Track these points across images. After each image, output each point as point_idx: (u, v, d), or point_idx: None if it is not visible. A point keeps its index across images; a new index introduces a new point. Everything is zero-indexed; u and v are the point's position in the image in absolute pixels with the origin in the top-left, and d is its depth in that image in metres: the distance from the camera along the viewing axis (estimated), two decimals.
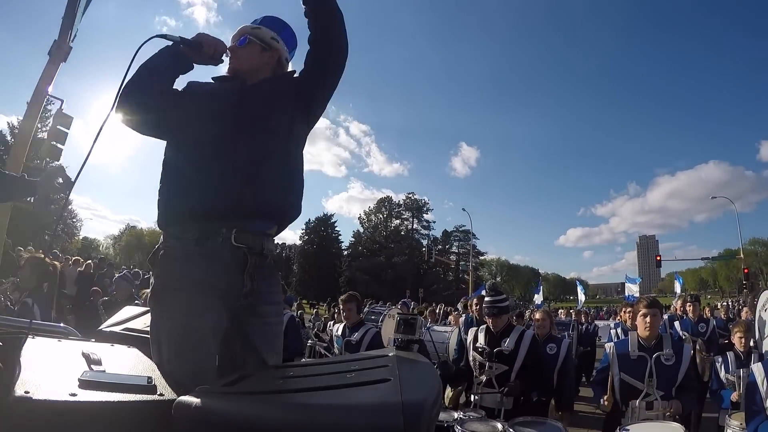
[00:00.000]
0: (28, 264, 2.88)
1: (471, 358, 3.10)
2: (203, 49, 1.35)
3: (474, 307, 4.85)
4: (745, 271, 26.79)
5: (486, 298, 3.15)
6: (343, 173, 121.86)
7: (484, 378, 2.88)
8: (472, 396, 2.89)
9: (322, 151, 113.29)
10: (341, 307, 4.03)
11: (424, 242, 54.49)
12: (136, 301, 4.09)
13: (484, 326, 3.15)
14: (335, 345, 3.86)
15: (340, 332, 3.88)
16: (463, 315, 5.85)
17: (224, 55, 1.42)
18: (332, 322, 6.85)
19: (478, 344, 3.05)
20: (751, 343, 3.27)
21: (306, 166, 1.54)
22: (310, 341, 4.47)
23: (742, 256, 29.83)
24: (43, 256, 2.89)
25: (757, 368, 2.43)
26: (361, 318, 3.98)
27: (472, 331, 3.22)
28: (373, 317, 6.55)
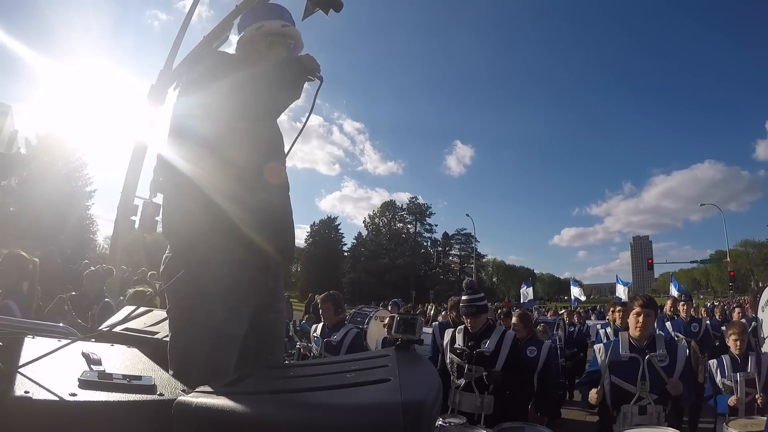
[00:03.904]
0: (6, 261, 2.63)
1: (448, 361, 2.90)
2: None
3: (450, 312, 4.52)
4: (731, 273, 27.63)
5: (463, 297, 2.96)
6: (336, 171, 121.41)
7: (462, 382, 2.72)
8: (449, 401, 2.73)
9: (315, 149, 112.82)
10: (319, 306, 3.96)
11: (426, 244, 55.37)
12: (106, 299, 3.94)
13: (462, 327, 2.97)
14: (314, 345, 3.76)
15: (318, 332, 3.76)
16: (438, 319, 5.71)
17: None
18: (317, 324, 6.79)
19: (456, 346, 2.87)
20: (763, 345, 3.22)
21: (299, 165, 1.63)
22: (298, 343, 4.39)
23: (728, 259, 30.83)
24: (23, 253, 2.69)
25: None
26: (341, 318, 3.85)
27: (448, 332, 3.03)
28: (359, 319, 6.51)
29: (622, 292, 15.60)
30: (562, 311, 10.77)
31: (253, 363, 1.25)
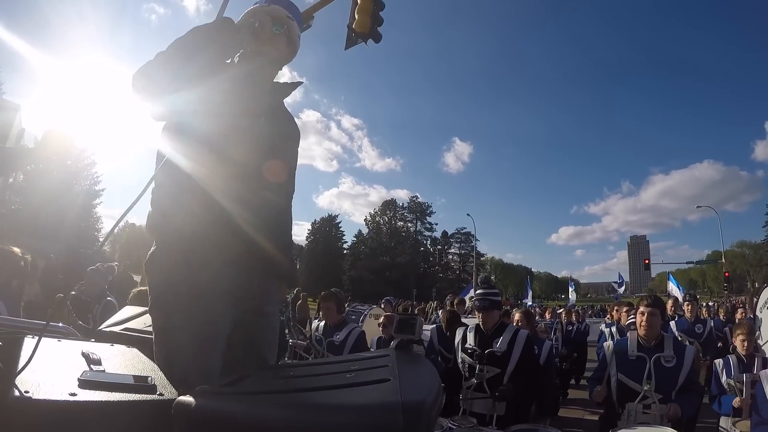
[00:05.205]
0: None
1: (460, 361, 2.89)
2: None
3: (444, 318, 4.48)
4: (726, 274, 27.88)
5: (477, 291, 2.99)
6: (334, 168, 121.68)
7: (474, 382, 2.69)
8: (461, 402, 2.71)
9: (313, 145, 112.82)
10: (320, 305, 3.92)
11: (426, 243, 55.76)
12: (109, 298, 3.89)
13: (474, 325, 2.96)
14: (315, 345, 3.67)
15: (321, 332, 3.70)
16: (434, 324, 5.64)
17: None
18: (316, 321, 6.71)
19: (467, 345, 2.84)
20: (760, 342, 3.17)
21: (297, 161, 1.59)
22: (291, 341, 4.31)
23: (723, 260, 31.29)
24: (15, 249, 2.61)
25: (764, 375, 2.39)
26: (343, 317, 3.80)
27: (460, 331, 3.02)
28: (353, 317, 6.44)
29: (620, 290, 15.71)
30: (560, 310, 10.72)
31: (241, 367, 1.20)
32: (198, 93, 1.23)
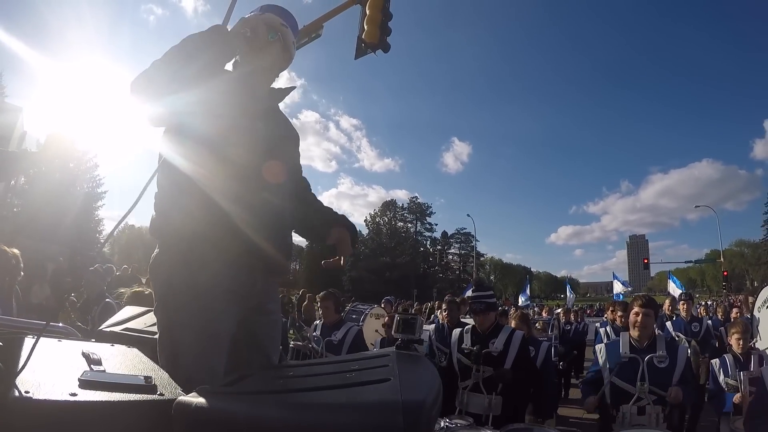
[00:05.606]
0: None
1: (456, 361, 2.91)
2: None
3: (443, 313, 4.55)
4: (725, 273, 28.07)
5: (471, 294, 3.01)
6: (333, 168, 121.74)
7: (470, 382, 2.72)
8: (457, 402, 2.73)
9: (312, 146, 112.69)
10: (319, 305, 3.94)
11: (426, 243, 55.83)
12: (107, 299, 3.88)
13: (470, 326, 2.99)
14: (314, 345, 3.68)
15: (318, 331, 3.72)
16: (434, 323, 5.63)
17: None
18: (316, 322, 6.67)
19: (463, 346, 2.87)
20: (756, 343, 3.21)
21: (299, 162, 1.60)
22: (292, 343, 4.25)
23: (722, 259, 31.51)
24: (5, 248, 2.58)
25: (766, 371, 2.39)
26: (341, 317, 3.86)
27: (456, 332, 3.04)
28: (354, 316, 6.45)
29: (620, 288, 15.66)
30: (558, 310, 10.72)
31: (246, 366, 1.22)
32: (197, 94, 1.23)
